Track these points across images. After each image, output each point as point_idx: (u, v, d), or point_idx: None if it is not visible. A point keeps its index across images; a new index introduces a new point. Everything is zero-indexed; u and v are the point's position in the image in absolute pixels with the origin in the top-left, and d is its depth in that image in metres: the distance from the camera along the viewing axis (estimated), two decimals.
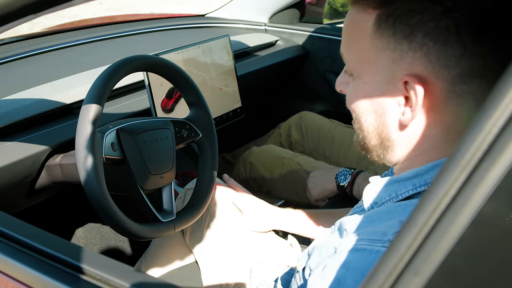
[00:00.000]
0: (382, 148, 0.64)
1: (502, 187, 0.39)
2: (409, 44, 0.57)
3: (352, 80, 0.65)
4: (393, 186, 0.62)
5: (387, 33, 0.58)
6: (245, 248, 1.08)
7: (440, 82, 0.57)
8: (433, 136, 0.60)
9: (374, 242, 0.55)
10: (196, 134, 1.09)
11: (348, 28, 0.64)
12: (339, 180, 1.28)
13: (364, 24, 0.61)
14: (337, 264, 0.58)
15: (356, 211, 0.74)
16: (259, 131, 1.97)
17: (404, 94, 0.59)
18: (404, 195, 0.60)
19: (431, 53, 0.56)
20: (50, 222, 1.48)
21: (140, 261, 1.20)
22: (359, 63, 0.63)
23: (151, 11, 6.47)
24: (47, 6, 0.61)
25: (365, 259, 0.55)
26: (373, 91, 0.62)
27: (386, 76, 0.60)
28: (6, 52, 1.37)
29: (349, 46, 0.64)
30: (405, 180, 0.61)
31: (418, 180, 0.60)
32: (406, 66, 0.58)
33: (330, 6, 2.06)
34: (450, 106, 0.58)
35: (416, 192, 0.60)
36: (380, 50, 0.59)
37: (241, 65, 1.66)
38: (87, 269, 0.63)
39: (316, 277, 0.61)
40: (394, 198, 0.61)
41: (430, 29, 0.56)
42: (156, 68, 1.03)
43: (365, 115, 0.64)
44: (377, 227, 0.58)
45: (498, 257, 0.42)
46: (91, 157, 0.84)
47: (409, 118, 0.59)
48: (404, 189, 0.61)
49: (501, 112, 0.38)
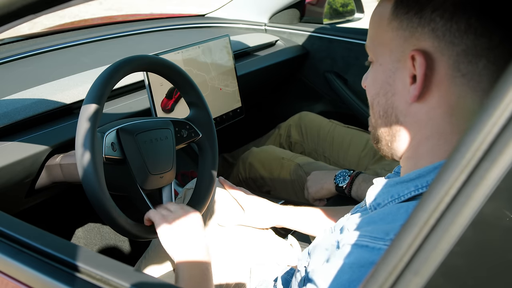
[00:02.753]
0: (390, 134, 0.65)
1: (502, 187, 0.39)
2: (419, 21, 0.59)
3: (371, 66, 0.67)
4: (396, 188, 0.63)
5: (401, 12, 0.61)
6: (245, 248, 1.08)
7: (445, 59, 0.58)
8: (436, 118, 0.60)
9: (376, 239, 0.56)
10: (196, 134, 1.09)
11: (373, 19, 0.67)
12: (338, 181, 1.28)
13: (384, 8, 0.64)
14: (338, 258, 0.58)
15: (358, 210, 0.74)
16: (259, 131, 1.97)
17: (412, 73, 0.60)
18: (406, 197, 0.61)
19: (437, 28, 0.58)
20: (50, 222, 1.48)
21: (140, 261, 1.20)
22: (376, 46, 0.65)
23: (151, 11, 6.47)
24: (47, 6, 0.61)
25: (366, 255, 0.55)
26: (386, 72, 0.64)
27: (398, 55, 0.62)
28: (6, 52, 1.37)
29: (371, 32, 0.67)
30: (408, 181, 0.61)
31: (420, 182, 0.60)
32: (415, 42, 0.60)
33: (330, 6, 2.06)
34: (455, 86, 0.58)
35: (418, 193, 0.60)
36: (395, 30, 0.62)
37: (241, 65, 1.66)
38: (87, 269, 0.63)
39: (316, 272, 0.62)
40: (396, 199, 0.62)
41: (438, 4, 0.58)
42: (156, 68, 1.03)
43: (377, 98, 0.65)
44: (380, 226, 0.58)
45: (498, 257, 0.42)
46: (91, 156, 0.84)
47: (414, 95, 0.60)
48: (406, 191, 0.61)
49: (501, 112, 0.38)
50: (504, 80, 0.38)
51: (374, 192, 0.66)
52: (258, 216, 1.11)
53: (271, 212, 1.11)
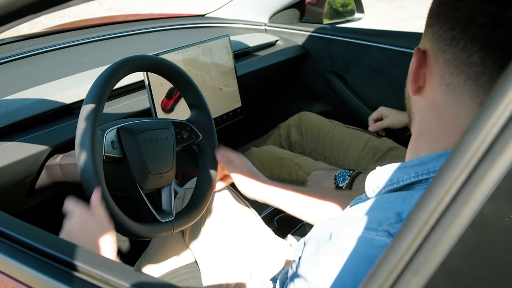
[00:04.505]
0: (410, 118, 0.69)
1: (502, 187, 0.39)
2: (430, 21, 0.62)
3: None
4: (397, 172, 0.63)
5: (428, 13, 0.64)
6: (245, 248, 1.08)
7: (436, 64, 0.60)
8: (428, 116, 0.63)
9: (369, 230, 0.56)
10: (197, 136, 1.09)
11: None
12: (338, 181, 1.28)
13: None
14: (330, 249, 0.58)
15: (357, 202, 0.74)
16: (258, 131, 1.97)
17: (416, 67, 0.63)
18: (405, 182, 0.61)
19: (435, 31, 0.60)
20: (50, 222, 1.47)
21: (140, 261, 1.20)
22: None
23: (151, 11, 6.47)
24: (47, 6, 0.61)
25: (358, 246, 0.55)
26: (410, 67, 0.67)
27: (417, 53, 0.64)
28: (6, 52, 1.38)
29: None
30: (409, 167, 0.62)
31: (421, 168, 0.60)
32: (423, 40, 0.63)
33: (330, 6, 2.06)
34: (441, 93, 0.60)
35: (418, 179, 0.60)
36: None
37: (241, 65, 1.66)
38: (87, 269, 0.63)
39: (309, 262, 0.62)
40: (395, 183, 0.62)
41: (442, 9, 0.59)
42: (156, 68, 1.03)
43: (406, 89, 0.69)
44: (374, 215, 0.58)
45: (498, 257, 0.42)
46: (90, 155, 0.84)
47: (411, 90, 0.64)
48: (406, 176, 0.61)
49: (501, 112, 0.38)
50: (503, 80, 0.38)
51: (375, 175, 0.67)
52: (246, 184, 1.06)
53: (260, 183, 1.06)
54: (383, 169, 0.66)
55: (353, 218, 0.60)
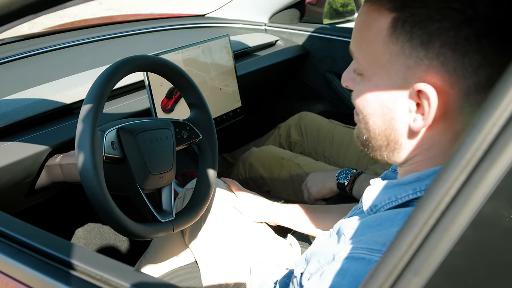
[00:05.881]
0: (388, 150, 0.63)
1: (502, 187, 0.39)
2: (425, 52, 0.55)
3: (361, 79, 0.64)
4: (394, 190, 0.62)
5: (403, 39, 0.57)
6: (245, 248, 1.08)
7: (454, 92, 0.56)
8: (441, 142, 0.59)
9: (373, 251, 0.55)
10: (197, 136, 1.09)
11: (361, 28, 0.62)
12: (340, 178, 1.28)
13: (378, 26, 0.59)
14: (334, 271, 0.57)
15: (355, 213, 0.74)
16: (258, 131, 1.97)
17: (416, 101, 0.58)
18: (404, 199, 0.60)
19: (448, 62, 0.55)
20: (50, 222, 1.47)
21: (140, 261, 1.20)
22: (370, 64, 0.61)
23: (151, 11, 6.47)
24: (47, 6, 0.61)
25: (363, 268, 0.54)
26: (384, 95, 0.60)
27: (399, 81, 0.58)
28: (6, 52, 1.37)
29: (361, 46, 0.62)
30: (406, 184, 0.61)
31: (419, 185, 0.59)
32: (421, 74, 0.56)
33: (330, 6, 2.06)
34: (462, 115, 0.57)
35: (416, 196, 0.59)
36: (395, 55, 0.58)
37: (241, 65, 1.66)
38: (87, 269, 0.63)
39: (313, 283, 0.61)
40: (393, 202, 0.61)
41: (450, 38, 0.54)
42: (156, 68, 1.03)
43: (373, 117, 0.63)
44: (376, 235, 0.57)
45: (498, 257, 0.42)
46: (90, 155, 0.84)
47: (420, 126, 0.58)
48: (404, 193, 0.60)
49: (501, 112, 0.38)
50: (504, 80, 0.38)
51: (371, 193, 0.65)
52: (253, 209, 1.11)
53: (266, 207, 1.11)
54: (378, 187, 0.65)
55: (355, 239, 0.59)
